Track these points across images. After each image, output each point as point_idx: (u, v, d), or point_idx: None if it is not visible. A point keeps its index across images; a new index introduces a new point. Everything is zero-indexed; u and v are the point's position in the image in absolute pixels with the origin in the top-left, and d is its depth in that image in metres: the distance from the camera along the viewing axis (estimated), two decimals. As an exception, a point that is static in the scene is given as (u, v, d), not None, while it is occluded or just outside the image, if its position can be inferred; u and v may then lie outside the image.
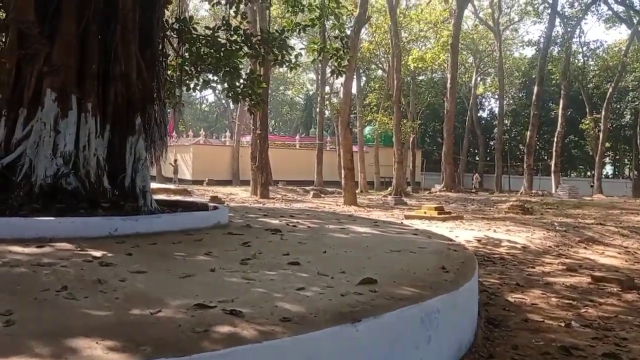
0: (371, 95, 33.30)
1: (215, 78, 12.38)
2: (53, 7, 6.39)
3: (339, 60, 12.32)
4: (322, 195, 23.58)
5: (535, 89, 31.80)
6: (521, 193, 30.31)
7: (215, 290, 3.36)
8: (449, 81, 30.29)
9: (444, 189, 29.73)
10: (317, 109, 36.58)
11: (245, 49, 11.31)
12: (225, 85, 11.80)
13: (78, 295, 3.08)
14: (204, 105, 77.01)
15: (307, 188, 28.16)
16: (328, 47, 12.45)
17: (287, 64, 11.95)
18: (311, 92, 55.52)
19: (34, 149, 6.05)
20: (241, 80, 11.84)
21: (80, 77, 6.43)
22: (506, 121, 43.46)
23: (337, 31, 12.54)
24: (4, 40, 6.42)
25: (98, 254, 4.38)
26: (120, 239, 5.10)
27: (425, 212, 11.43)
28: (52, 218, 5.06)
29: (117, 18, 6.61)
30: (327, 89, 34.50)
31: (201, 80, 11.81)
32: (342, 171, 18.30)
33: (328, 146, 36.93)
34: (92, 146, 6.36)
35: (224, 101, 47.87)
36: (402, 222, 8.71)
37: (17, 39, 6.07)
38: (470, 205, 20.06)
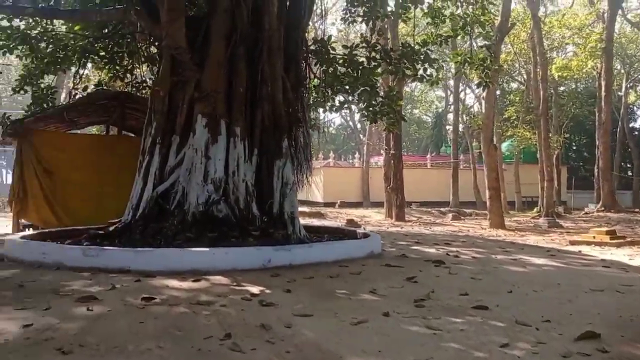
0: (510, 109, 31.17)
1: (351, 98, 12.02)
2: (202, 32, 6.33)
3: (485, 71, 11.37)
4: (462, 218, 22.15)
5: None
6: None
7: (399, 344, 2.74)
8: (603, 89, 27.39)
9: (602, 208, 26.72)
10: (451, 126, 35.02)
11: (384, 65, 10.82)
12: (362, 104, 11.38)
13: (244, 346, 2.63)
14: (330, 128, 78.30)
15: (443, 209, 26.95)
16: (472, 57, 11.55)
17: (427, 78, 11.25)
18: (440, 110, 53.77)
19: (186, 176, 5.96)
20: (379, 99, 11.35)
21: (228, 101, 6.28)
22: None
23: (481, 41, 11.64)
24: (157, 69, 6.47)
25: (256, 290, 3.98)
26: (275, 272, 4.70)
27: (594, 237, 9.91)
28: (206, 249, 4.81)
29: (263, 39, 6.40)
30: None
31: (337, 102, 11.49)
32: (487, 191, 16.91)
33: (462, 164, 35.23)
34: (241, 171, 6.14)
35: (351, 123, 48.00)
36: (579, 251, 7.50)
37: (169, 66, 6.06)
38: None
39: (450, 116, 52.54)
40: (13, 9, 7.53)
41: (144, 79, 13.16)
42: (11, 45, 9.91)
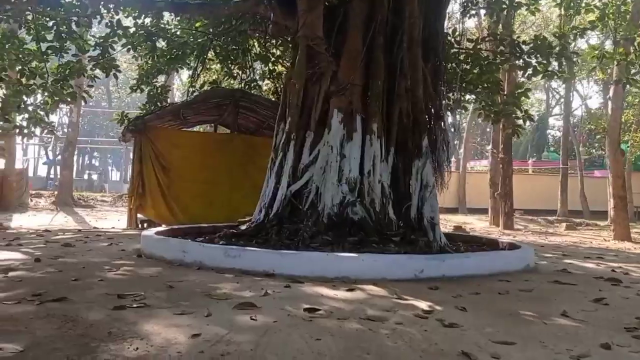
0: (627, 111, 28.63)
1: (468, 97, 11.25)
2: (339, 21, 5.93)
3: (628, 66, 10.19)
4: (577, 227, 20.49)
5: None
6: None
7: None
8: None
9: None
10: (552, 130, 32.71)
11: (512, 60, 9.96)
12: (481, 104, 10.56)
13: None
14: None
15: (550, 218, 25.24)
16: (613, 51, 10.39)
17: (559, 75, 10.27)
18: (541, 113, 50.77)
19: (320, 175, 5.57)
20: (501, 97, 10.50)
21: (364, 95, 5.84)
22: None
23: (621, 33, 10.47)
24: (290, 60, 6.16)
25: (423, 305, 3.46)
26: (430, 284, 4.16)
27: None
28: (355, 255, 4.36)
29: (403, 27, 5.90)
30: (557, 108, 30.81)
31: (451, 100, 10.75)
32: (612, 200, 15.43)
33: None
34: (376, 171, 5.67)
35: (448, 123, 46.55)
36: None
37: (305, 57, 5.70)
38: None
39: (552, 120, 49.25)
40: (144, 3, 7.55)
41: (255, 77, 13.18)
42: (135, 43, 10.14)
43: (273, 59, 11.95)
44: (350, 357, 2.39)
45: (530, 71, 9.78)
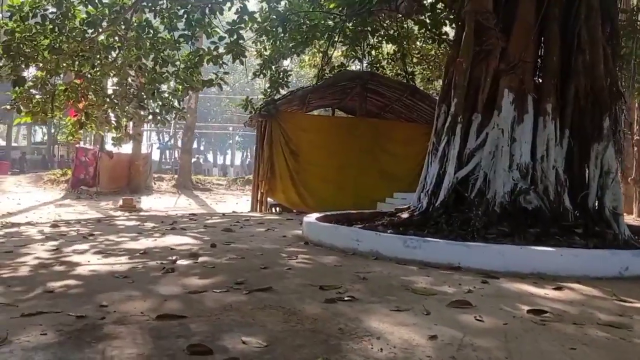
0: None
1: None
2: (508, -8, 5.46)
3: None
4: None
5: None
6: None
7: None
8: None
9: None
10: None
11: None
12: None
13: None
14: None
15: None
16: None
17: None
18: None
19: (489, 160, 5.18)
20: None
21: (536, 73, 5.35)
22: None
23: None
24: (454, 38, 5.78)
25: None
26: (631, 283, 3.71)
27: None
28: (552, 250, 3.97)
29: (581, -4, 5.30)
30: None
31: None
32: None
33: None
34: (550, 156, 5.17)
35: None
36: None
37: (472, 33, 5.30)
38: None
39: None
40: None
41: (380, 59, 12.87)
42: (266, 26, 10.19)
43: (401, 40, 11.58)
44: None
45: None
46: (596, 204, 5.18)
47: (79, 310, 2.59)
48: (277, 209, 11.13)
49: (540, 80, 5.31)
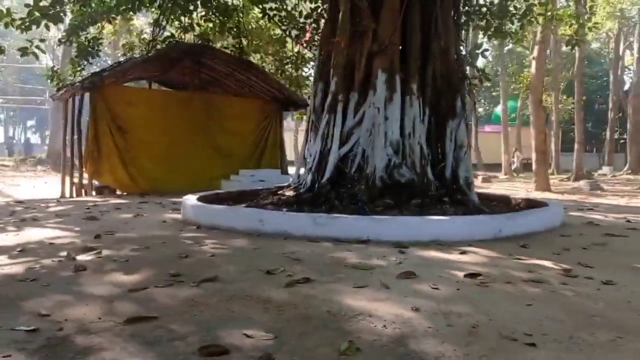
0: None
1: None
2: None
3: (578, 28, 10.82)
4: (492, 180, 22.00)
5: None
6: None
7: None
8: (635, 50, 27.23)
9: (629, 171, 27.01)
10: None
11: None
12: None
13: None
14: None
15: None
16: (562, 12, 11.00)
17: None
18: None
19: (367, 137, 5.47)
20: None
21: (402, 55, 5.75)
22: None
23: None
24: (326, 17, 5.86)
25: (549, 264, 3.57)
26: (513, 242, 4.27)
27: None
28: (447, 218, 4.40)
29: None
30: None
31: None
32: (534, 154, 16.62)
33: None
34: (416, 133, 5.67)
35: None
36: None
37: (349, 14, 5.47)
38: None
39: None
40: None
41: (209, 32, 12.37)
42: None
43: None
44: (585, 324, 2.38)
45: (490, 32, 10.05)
46: (451, 175, 5.84)
47: (18, 323, 2.16)
48: (110, 191, 10.16)
49: (407, 62, 5.72)
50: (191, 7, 10.75)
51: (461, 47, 6.42)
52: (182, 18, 11.35)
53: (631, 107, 28.06)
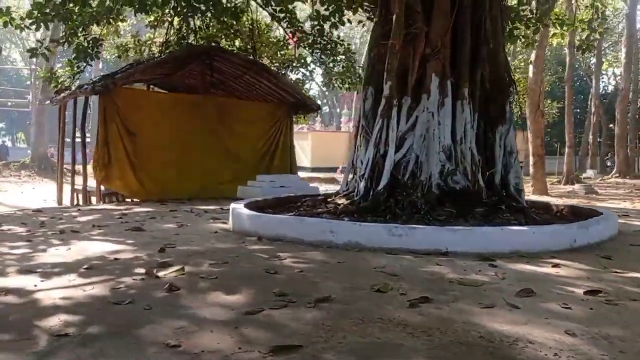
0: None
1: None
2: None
3: (591, 33, 10.83)
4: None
5: None
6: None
7: None
8: (623, 55, 27.62)
9: (617, 174, 27.36)
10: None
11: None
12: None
13: None
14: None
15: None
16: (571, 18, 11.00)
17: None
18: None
19: (420, 143, 5.27)
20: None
21: (453, 59, 5.58)
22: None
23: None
24: (375, 20, 5.66)
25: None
26: (591, 252, 4.14)
27: None
28: (525, 229, 4.22)
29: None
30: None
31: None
32: (532, 158, 16.68)
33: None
34: (467, 138, 5.49)
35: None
36: None
37: (402, 16, 5.27)
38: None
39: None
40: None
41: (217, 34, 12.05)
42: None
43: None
44: None
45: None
46: (501, 181, 5.68)
47: (148, 356, 1.94)
48: (118, 198, 9.77)
49: (457, 66, 5.55)
50: (203, 8, 10.43)
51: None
52: (191, 20, 11.02)
53: (619, 111, 28.48)
